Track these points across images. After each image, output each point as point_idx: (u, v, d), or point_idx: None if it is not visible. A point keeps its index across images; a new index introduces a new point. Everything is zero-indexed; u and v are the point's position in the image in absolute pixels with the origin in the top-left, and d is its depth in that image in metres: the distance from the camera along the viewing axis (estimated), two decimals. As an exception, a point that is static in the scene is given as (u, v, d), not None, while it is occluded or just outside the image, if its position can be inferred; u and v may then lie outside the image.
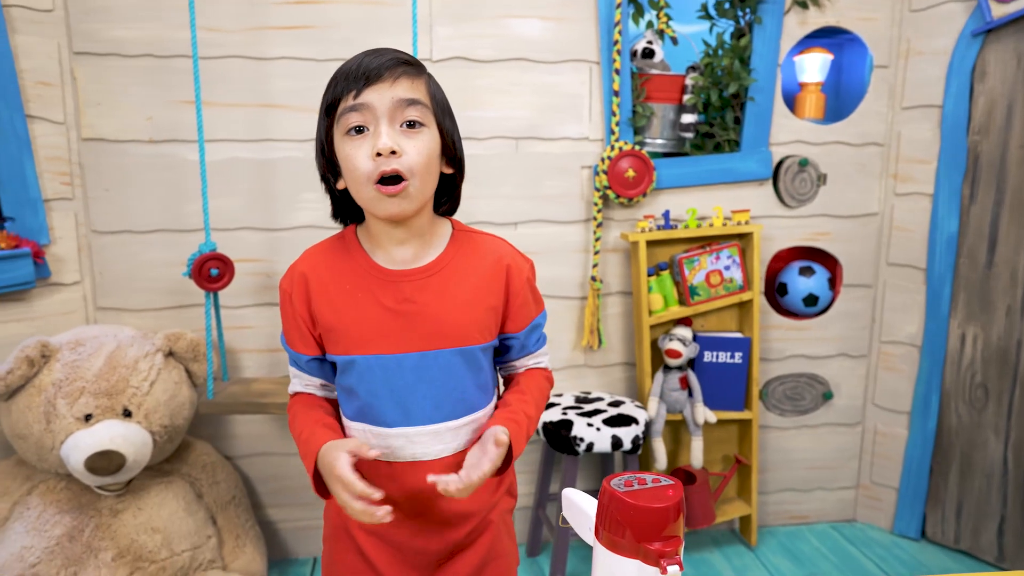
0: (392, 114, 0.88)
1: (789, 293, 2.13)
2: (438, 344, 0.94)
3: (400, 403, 0.95)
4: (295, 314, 0.97)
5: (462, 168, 1.00)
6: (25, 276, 1.67)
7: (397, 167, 0.87)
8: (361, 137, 0.89)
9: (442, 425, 0.96)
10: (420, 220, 0.95)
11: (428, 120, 0.91)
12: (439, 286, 0.95)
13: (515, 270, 1.00)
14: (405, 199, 0.89)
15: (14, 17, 1.68)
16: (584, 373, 2.09)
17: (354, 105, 0.88)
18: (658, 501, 0.57)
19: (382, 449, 0.96)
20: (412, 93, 0.89)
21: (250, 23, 1.80)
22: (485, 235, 1.04)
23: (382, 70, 0.88)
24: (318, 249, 1.00)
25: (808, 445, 2.23)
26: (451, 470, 0.97)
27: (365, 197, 0.91)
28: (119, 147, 1.79)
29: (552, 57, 1.93)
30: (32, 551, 1.51)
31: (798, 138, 2.07)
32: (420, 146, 0.89)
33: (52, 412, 1.54)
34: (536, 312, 1.06)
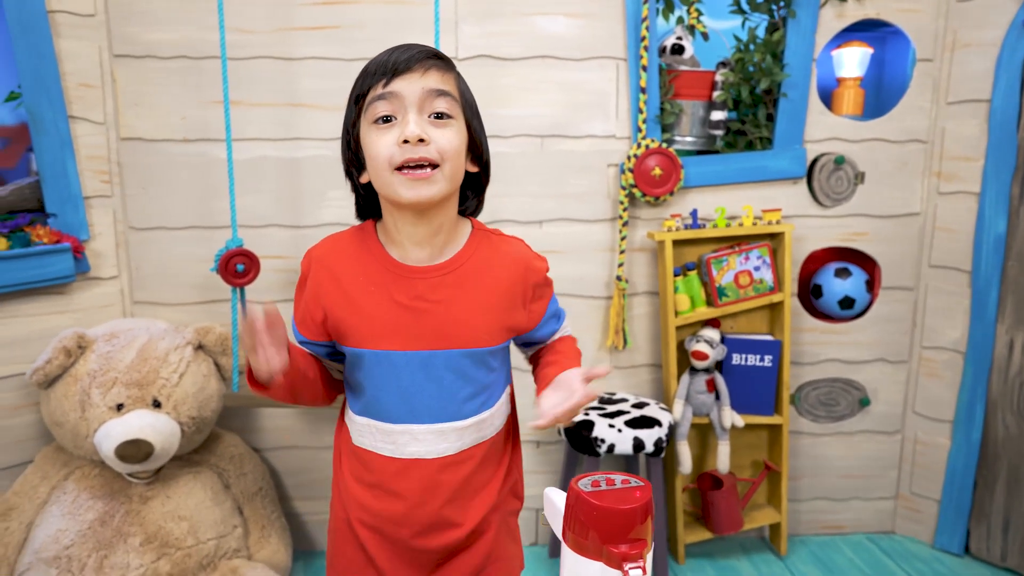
0: (421, 104, 0.87)
1: (824, 295, 2.06)
2: (447, 344, 0.94)
3: (406, 400, 0.95)
4: (305, 296, 0.98)
5: (487, 169, 0.99)
6: (65, 270, 1.74)
7: (425, 155, 0.86)
8: (388, 126, 0.88)
9: (447, 424, 0.96)
10: (441, 215, 0.94)
11: (456, 113, 0.90)
12: (453, 286, 0.94)
13: (533, 272, 1.00)
14: (431, 184, 0.87)
15: (58, 22, 1.75)
16: (609, 374, 2.07)
17: (383, 94, 0.87)
18: (624, 503, 0.56)
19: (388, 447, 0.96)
20: (442, 84, 0.89)
21: (278, 24, 1.83)
22: (503, 236, 1.03)
23: (412, 61, 0.87)
24: (337, 238, 1.01)
25: (843, 453, 2.16)
26: (453, 468, 0.97)
27: (388, 183, 0.88)
28: (155, 146, 1.85)
29: (578, 54, 1.91)
30: (66, 534, 1.58)
31: (834, 135, 2.00)
32: (449, 135, 0.89)
33: (87, 401, 1.60)
34: (547, 300, 1.06)
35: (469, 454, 0.98)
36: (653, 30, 1.88)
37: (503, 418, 1.05)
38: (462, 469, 0.98)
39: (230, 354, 1.76)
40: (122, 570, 1.54)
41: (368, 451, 0.99)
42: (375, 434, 0.97)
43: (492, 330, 0.96)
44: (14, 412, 1.75)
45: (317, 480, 2.04)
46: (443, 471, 0.97)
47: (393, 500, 0.98)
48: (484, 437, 1.00)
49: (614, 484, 0.58)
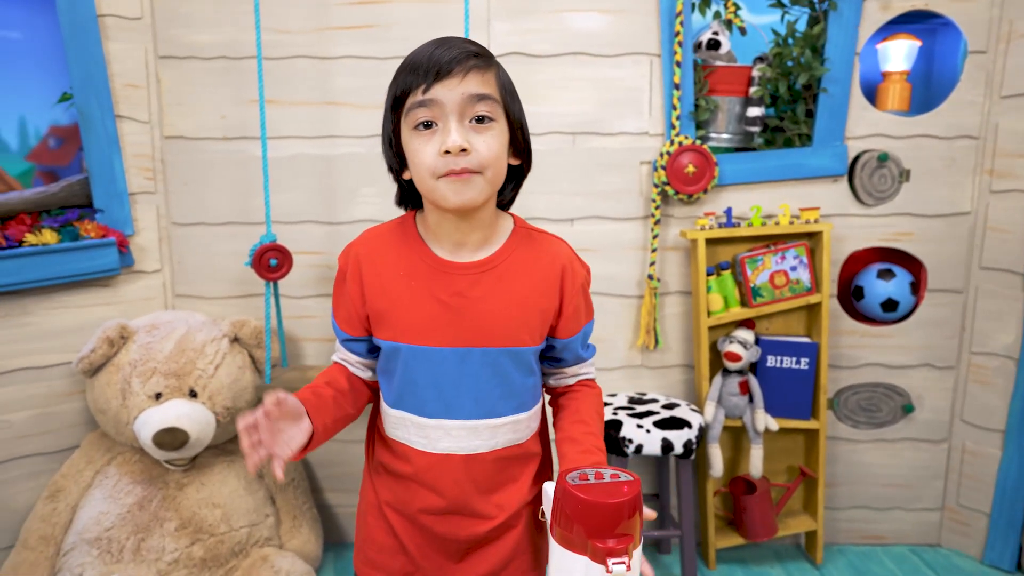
0: (462, 110, 0.86)
1: (866, 297, 1.99)
2: (485, 342, 0.93)
3: (441, 395, 0.94)
4: (346, 293, 0.98)
5: (529, 158, 0.98)
6: (111, 264, 1.82)
7: (467, 165, 0.86)
8: (430, 132, 0.87)
9: (481, 422, 0.96)
10: (483, 213, 0.93)
11: (498, 114, 0.89)
12: (493, 282, 0.94)
13: (572, 274, 0.98)
14: (472, 188, 0.87)
15: (108, 25, 1.82)
16: (640, 374, 2.04)
17: (423, 100, 0.86)
18: (610, 497, 0.55)
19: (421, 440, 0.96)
20: (482, 88, 0.87)
21: (315, 24, 1.87)
22: (546, 235, 1.02)
23: (452, 64, 0.85)
24: (377, 232, 1.01)
25: (885, 460, 2.08)
26: (486, 467, 0.97)
27: (432, 189, 0.88)
28: (196, 144, 1.91)
29: (611, 51, 1.89)
30: (107, 516, 1.64)
31: (878, 131, 1.93)
32: (490, 141, 0.88)
33: (128, 389, 1.66)
34: (586, 320, 1.03)
35: (500, 454, 0.98)
36: (688, 25, 1.85)
37: (538, 421, 1.04)
38: (492, 467, 0.98)
39: (264, 347, 1.81)
40: (158, 553, 1.60)
41: (400, 443, 0.99)
42: (408, 427, 0.97)
43: (530, 329, 0.95)
44: (64, 398, 1.83)
45: (348, 473, 2.07)
46: (474, 468, 0.96)
47: (424, 492, 0.98)
48: (518, 439, 0.99)
49: (603, 478, 0.58)
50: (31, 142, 1.93)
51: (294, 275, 1.85)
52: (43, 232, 1.73)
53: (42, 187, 1.81)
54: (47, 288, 1.78)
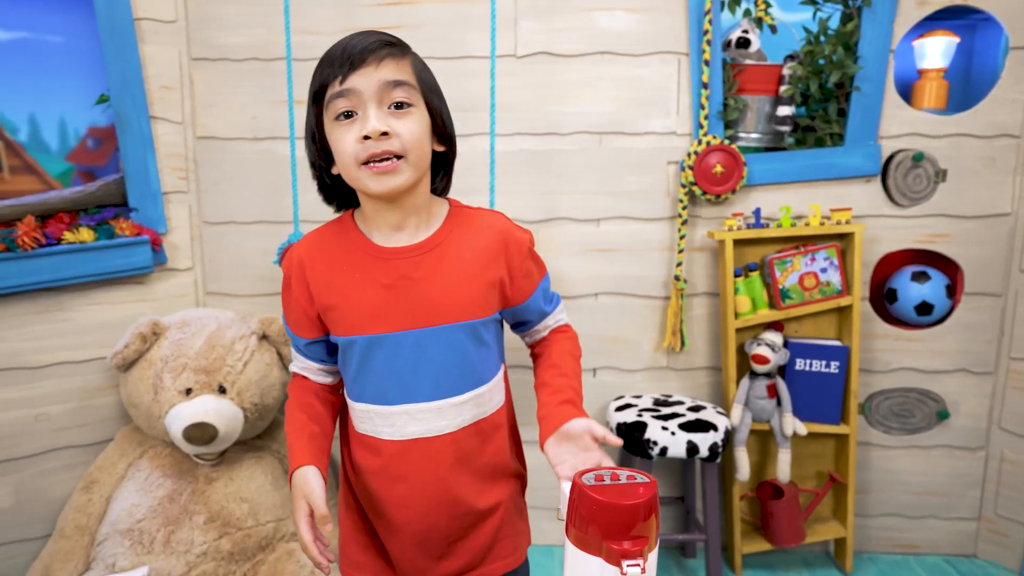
0: (380, 97, 0.88)
1: (899, 300, 1.95)
2: (436, 320, 0.95)
3: (401, 381, 0.96)
4: (293, 297, 1.00)
5: (453, 145, 1.00)
6: (144, 261, 1.86)
7: (388, 148, 0.88)
8: (350, 121, 0.89)
9: (444, 401, 0.97)
10: (415, 199, 0.95)
11: (416, 100, 0.91)
12: (435, 263, 0.96)
13: (515, 243, 1.00)
14: (397, 175, 0.90)
15: (143, 29, 1.86)
16: (666, 375, 2.02)
17: (341, 91, 0.88)
18: (626, 498, 0.54)
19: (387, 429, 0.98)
20: (398, 74, 0.89)
21: (344, 25, 1.89)
22: (482, 210, 1.04)
23: (366, 54, 0.88)
24: (315, 233, 1.03)
25: (919, 468, 2.03)
26: (455, 446, 0.98)
27: (356, 178, 0.91)
28: (228, 144, 1.95)
29: (639, 50, 1.88)
30: (139, 508, 1.68)
31: (913, 130, 1.89)
32: (410, 125, 0.90)
33: (159, 384, 1.70)
34: (539, 277, 1.05)
35: (469, 431, 0.99)
36: (717, 23, 1.83)
37: (501, 394, 1.05)
38: (463, 446, 0.99)
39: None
40: (187, 545, 1.63)
41: (368, 436, 1.00)
42: (374, 418, 0.98)
43: (479, 301, 0.97)
44: (98, 392, 1.88)
45: (374, 470, 2.09)
46: (444, 448, 0.98)
47: (398, 482, 0.99)
48: (483, 414, 1.01)
49: (618, 479, 0.57)
50: (71, 143, 1.98)
51: (321, 274, 1.87)
52: (80, 230, 1.77)
53: (80, 186, 1.86)
54: (84, 285, 1.83)
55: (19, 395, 1.78)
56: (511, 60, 1.89)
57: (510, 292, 1.01)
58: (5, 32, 1.85)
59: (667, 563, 2.01)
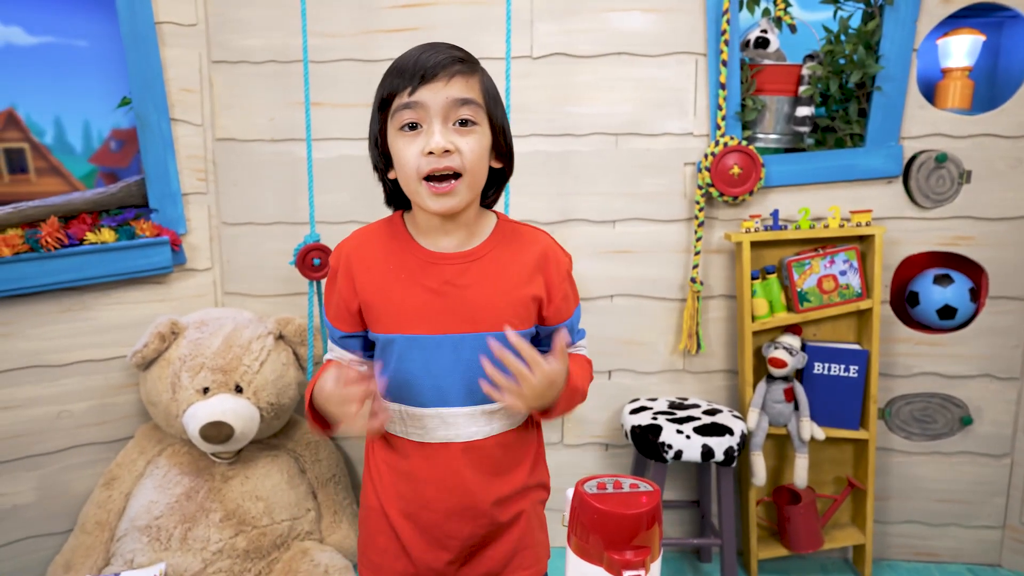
0: (446, 113, 0.90)
1: (921, 303, 1.91)
2: (476, 327, 0.96)
3: (436, 384, 0.97)
4: (338, 290, 1.01)
5: (511, 162, 1.01)
6: (164, 262, 1.88)
7: (450, 164, 0.90)
8: (414, 134, 0.91)
9: (477, 408, 0.98)
10: (466, 214, 0.97)
11: (480, 118, 0.92)
12: (480, 271, 0.97)
13: (555, 262, 1.01)
14: (454, 196, 0.91)
15: (165, 32, 1.89)
16: (682, 378, 2.01)
17: (408, 103, 0.90)
18: (628, 507, 0.54)
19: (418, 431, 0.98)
20: (466, 92, 0.91)
21: (361, 27, 1.90)
22: (528, 227, 1.05)
23: (437, 68, 0.89)
24: (366, 230, 1.04)
25: (940, 475, 1.99)
26: (482, 453, 0.99)
27: (415, 191, 0.93)
28: (246, 146, 1.97)
29: (655, 50, 1.87)
30: (157, 505, 1.70)
31: (936, 131, 1.85)
32: (473, 144, 0.91)
33: (177, 383, 1.72)
34: (574, 305, 1.06)
35: (497, 440, 1.00)
36: (735, 23, 1.81)
37: None
38: (490, 454, 1.00)
39: (308, 344, 1.85)
40: (203, 543, 1.65)
41: (398, 437, 1.01)
42: (404, 419, 1.00)
43: (518, 313, 0.98)
44: (119, 391, 1.91)
45: (389, 470, 2.10)
46: (471, 454, 0.99)
47: (424, 485, 1.00)
48: (512, 424, 1.02)
49: (621, 488, 0.57)
50: (94, 145, 2.01)
51: (337, 274, 1.88)
52: (102, 231, 1.80)
53: (102, 188, 1.90)
54: (105, 284, 1.86)
55: (43, 392, 1.82)
56: (527, 61, 1.89)
57: (546, 311, 1.01)
58: (32, 37, 1.89)
59: (682, 567, 2.00)
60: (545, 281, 1.00)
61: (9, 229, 1.75)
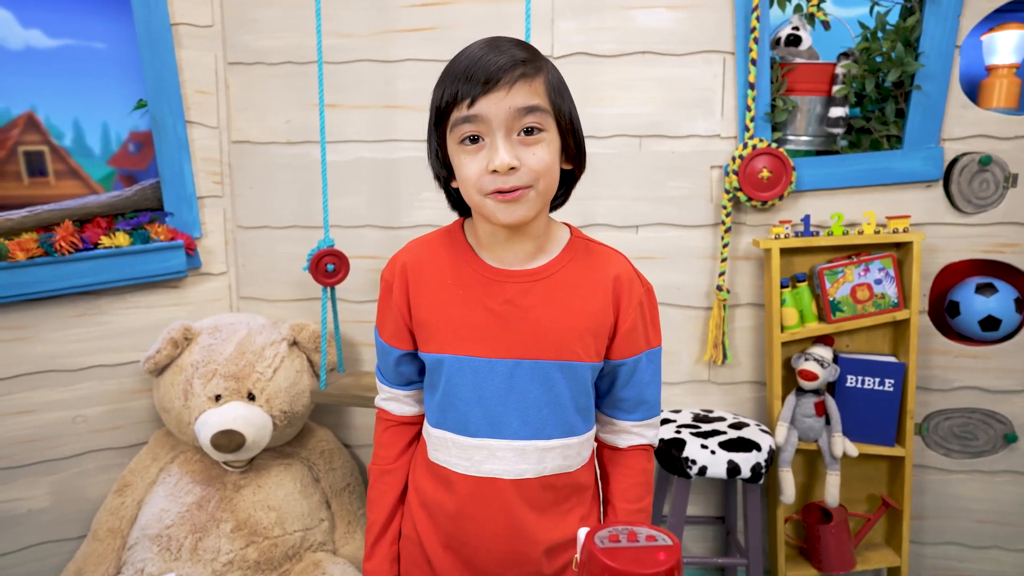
0: (509, 124, 0.81)
1: (962, 314, 1.82)
2: (537, 354, 0.88)
3: (487, 412, 0.89)
4: (393, 304, 0.94)
5: (583, 162, 0.92)
6: (179, 266, 1.86)
7: (516, 183, 0.82)
8: (476, 147, 0.83)
9: (530, 443, 0.90)
10: (536, 224, 0.89)
11: (548, 124, 0.84)
12: (546, 292, 0.89)
13: (628, 289, 0.91)
14: (523, 204, 0.83)
15: (181, 34, 1.87)
16: (707, 389, 1.93)
17: (468, 116, 0.81)
18: (642, 565, 0.48)
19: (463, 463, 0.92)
20: (530, 99, 0.81)
21: (378, 27, 1.86)
22: (605, 247, 0.96)
23: (500, 74, 0.80)
24: (423, 241, 0.97)
25: (982, 494, 1.89)
26: (533, 494, 0.91)
27: (480, 204, 0.85)
28: (262, 148, 1.94)
29: (681, 49, 1.79)
30: (168, 514, 1.68)
31: (980, 132, 1.75)
32: (541, 154, 0.83)
33: (189, 390, 1.70)
34: (646, 345, 0.94)
35: (549, 482, 0.92)
36: (765, 20, 1.73)
37: (589, 451, 0.97)
38: (540, 496, 0.92)
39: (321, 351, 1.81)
40: (214, 553, 1.62)
41: (442, 467, 0.94)
42: (450, 448, 0.92)
43: (586, 344, 0.89)
44: (133, 396, 1.89)
45: (405, 479, 2.06)
46: (520, 494, 0.90)
47: (466, 521, 0.93)
48: (567, 468, 0.93)
49: (636, 540, 0.51)
50: (112, 147, 2.00)
51: (353, 279, 1.84)
52: (117, 235, 1.79)
53: (117, 191, 1.88)
54: (120, 289, 1.84)
55: (58, 397, 1.81)
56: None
57: (614, 343, 0.92)
58: (52, 40, 1.88)
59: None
60: (615, 308, 0.90)
61: (24, 233, 1.74)
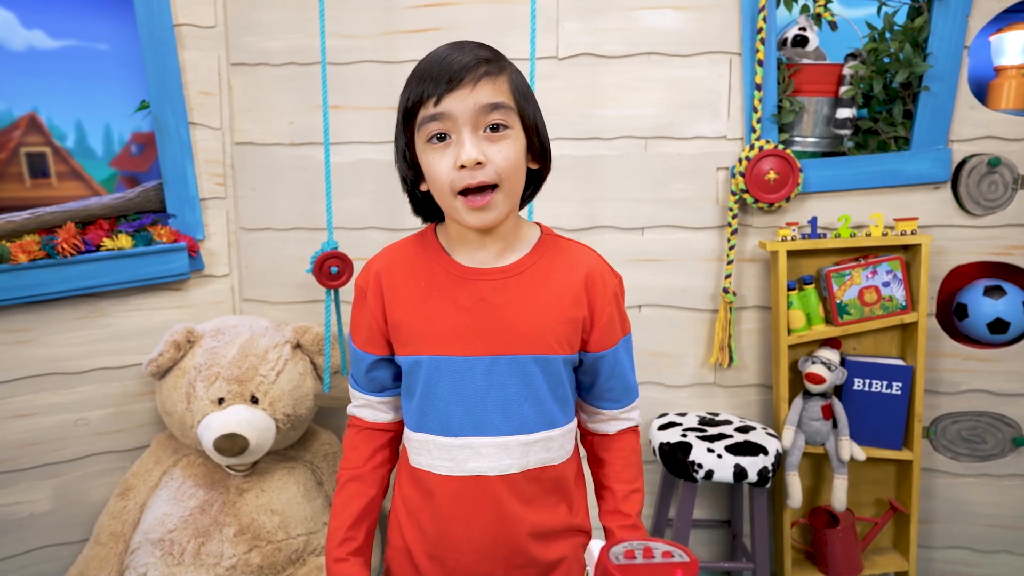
0: (475, 121, 0.83)
1: (970, 316, 1.80)
2: (513, 350, 0.89)
3: (468, 410, 0.90)
4: (368, 311, 0.95)
5: (548, 161, 0.94)
6: (181, 268, 1.85)
7: (484, 178, 0.84)
8: (443, 145, 0.85)
9: (512, 438, 0.90)
10: (505, 224, 0.91)
11: (513, 121, 0.86)
12: (518, 288, 0.90)
13: (601, 282, 0.93)
14: (492, 210, 0.86)
15: (184, 34, 1.86)
16: (713, 392, 1.92)
17: (434, 114, 0.83)
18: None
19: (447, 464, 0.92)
20: (495, 96, 0.84)
21: (382, 28, 1.85)
22: (574, 243, 0.97)
23: (463, 72, 0.82)
24: (395, 247, 0.98)
25: (990, 498, 1.88)
26: (517, 488, 0.91)
27: (451, 207, 0.87)
28: (265, 150, 1.93)
29: (687, 50, 1.78)
30: (171, 518, 1.67)
31: (989, 133, 1.74)
32: (506, 151, 0.85)
33: (192, 393, 1.68)
34: (622, 333, 0.97)
35: (534, 475, 0.92)
36: (771, 21, 1.72)
37: (571, 444, 0.98)
38: (526, 491, 0.92)
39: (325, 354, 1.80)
40: (216, 558, 1.61)
41: (425, 471, 0.94)
42: (432, 450, 0.93)
43: (558, 336, 0.90)
44: (135, 399, 1.88)
45: (408, 482, 2.04)
46: (505, 490, 0.91)
47: (453, 524, 0.92)
48: (551, 460, 0.94)
49: (652, 557, 0.49)
50: (115, 149, 1.99)
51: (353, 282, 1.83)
52: (119, 237, 1.78)
53: (120, 193, 1.87)
54: (123, 291, 1.83)
55: (60, 400, 1.80)
56: (552, 62, 1.82)
57: (589, 336, 0.93)
58: (54, 40, 1.87)
59: (712, 590, 1.91)
60: (589, 302, 0.92)
61: (26, 235, 1.73)
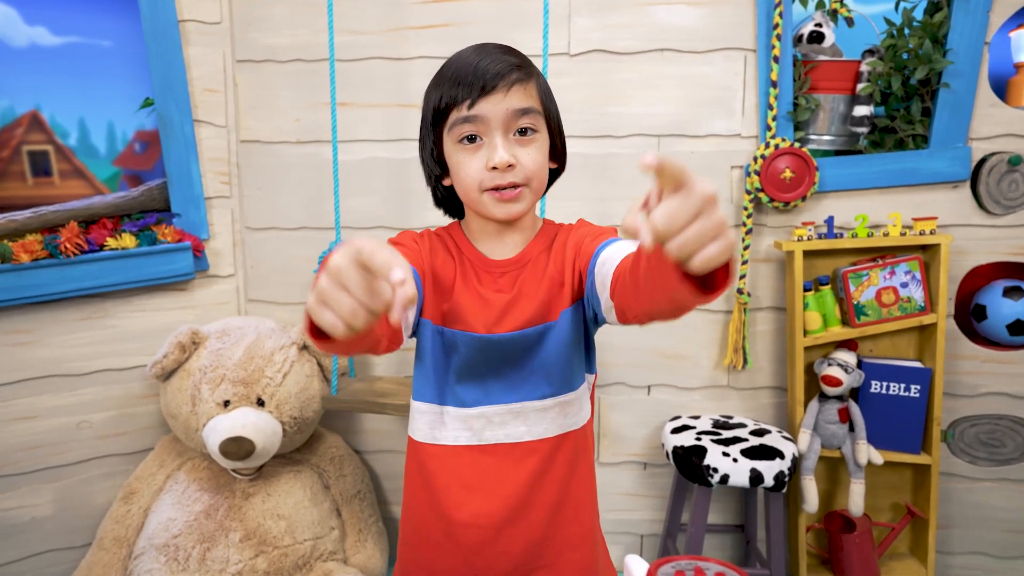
0: (507, 125, 0.87)
1: (989, 318, 1.77)
2: (526, 324, 0.92)
3: (480, 381, 0.92)
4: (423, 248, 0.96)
5: (565, 159, 0.99)
6: (186, 268, 1.82)
7: (513, 179, 0.88)
8: (474, 147, 0.88)
9: (527, 404, 0.92)
10: (525, 219, 0.96)
11: (540, 126, 0.91)
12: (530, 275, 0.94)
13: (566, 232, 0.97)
14: (519, 202, 0.90)
15: (189, 31, 1.83)
16: (726, 395, 1.89)
17: (468, 116, 0.87)
18: (710, 600, 0.44)
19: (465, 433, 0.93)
20: (525, 101, 0.88)
21: (391, 24, 1.82)
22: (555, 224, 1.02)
23: (497, 79, 0.86)
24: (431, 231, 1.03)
25: (1010, 503, 1.84)
26: (538, 457, 0.93)
27: (477, 201, 0.90)
28: (271, 148, 1.90)
29: (701, 46, 1.75)
30: (175, 523, 1.64)
31: (1009, 131, 1.71)
32: (535, 154, 0.89)
33: (197, 396, 1.65)
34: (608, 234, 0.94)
35: (553, 443, 0.93)
36: (787, 17, 1.69)
37: (588, 407, 0.99)
38: (548, 459, 0.93)
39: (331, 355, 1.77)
40: (222, 564, 1.58)
41: (435, 444, 0.95)
42: (447, 420, 0.94)
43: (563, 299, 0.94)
44: (139, 401, 1.85)
45: (416, 486, 2.01)
46: (523, 457, 0.92)
47: (471, 494, 0.93)
48: (570, 426, 0.95)
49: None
50: (118, 147, 1.96)
51: (364, 282, 1.80)
52: (123, 236, 1.75)
53: (123, 192, 1.84)
54: (126, 291, 1.80)
55: (62, 402, 1.77)
56: (564, 59, 1.79)
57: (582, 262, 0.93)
58: (57, 37, 1.84)
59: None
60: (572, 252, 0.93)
61: (29, 235, 1.70)
